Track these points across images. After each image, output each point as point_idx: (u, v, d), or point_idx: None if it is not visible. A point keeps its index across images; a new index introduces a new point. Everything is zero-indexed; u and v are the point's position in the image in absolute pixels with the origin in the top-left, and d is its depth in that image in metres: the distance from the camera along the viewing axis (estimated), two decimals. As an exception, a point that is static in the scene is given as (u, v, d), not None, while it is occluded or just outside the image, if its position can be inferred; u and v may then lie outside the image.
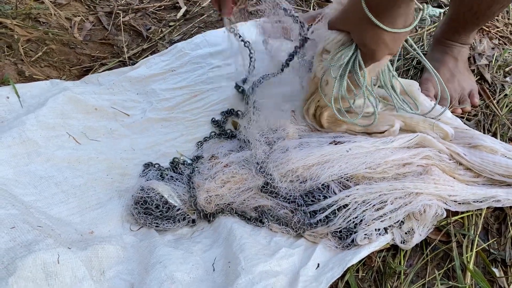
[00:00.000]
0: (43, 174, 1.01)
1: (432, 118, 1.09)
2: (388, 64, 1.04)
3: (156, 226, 0.96)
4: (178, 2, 1.62)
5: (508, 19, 1.56)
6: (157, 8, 1.60)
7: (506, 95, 1.28)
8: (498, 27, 1.52)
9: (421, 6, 0.91)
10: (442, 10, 0.91)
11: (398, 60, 1.35)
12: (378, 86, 1.07)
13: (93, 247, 0.86)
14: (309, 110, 1.12)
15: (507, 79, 1.34)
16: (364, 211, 0.94)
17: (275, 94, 1.20)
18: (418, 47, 1.41)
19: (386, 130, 1.06)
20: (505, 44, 1.47)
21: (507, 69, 1.37)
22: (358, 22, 0.90)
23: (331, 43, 0.97)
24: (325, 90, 1.03)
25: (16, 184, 0.97)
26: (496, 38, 1.49)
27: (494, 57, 1.40)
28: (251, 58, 1.25)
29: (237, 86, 1.27)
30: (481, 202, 0.99)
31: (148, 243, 0.92)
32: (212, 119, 1.19)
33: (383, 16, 0.87)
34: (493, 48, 1.45)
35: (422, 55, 0.98)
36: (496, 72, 1.36)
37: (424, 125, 1.08)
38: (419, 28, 1.48)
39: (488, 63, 1.38)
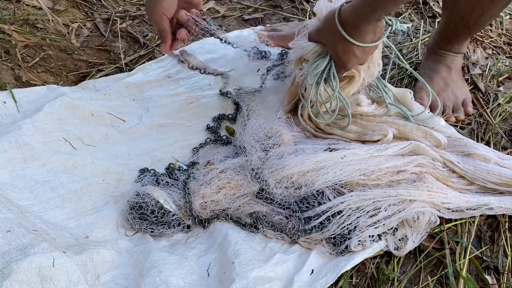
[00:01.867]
0: (39, 178, 1.01)
1: (426, 126, 1.11)
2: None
3: (151, 232, 0.96)
4: (175, 10, 1.63)
5: (502, 29, 1.58)
6: (155, 15, 1.61)
7: (499, 104, 1.30)
8: (491, 37, 1.54)
9: (389, 22, 1.02)
10: (409, 25, 1.01)
11: (392, 69, 1.37)
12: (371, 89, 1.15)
13: (88, 252, 0.86)
14: (304, 114, 1.15)
15: (501, 88, 1.36)
16: (358, 217, 0.95)
17: (269, 101, 1.22)
18: (412, 56, 1.43)
19: (379, 140, 1.07)
20: (499, 54, 1.49)
21: (500, 79, 1.39)
22: (332, 36, 1.01)
23: (309, 53, 1.07)
24: (305, 95, 1.11)
25: (12, 188, 0.98)
26: (489, 48, 1.51)
27: (488, 66, 1.42)
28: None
29: (222, 93, 1.29)
30: (474, 209, 1.00)
31: (143, 248, 0.92)
32: (207, 126, 1.20)
33: (354, 32, 0.97)
34: (486, 58, 1.46)
35: (408, 66, 1.08)
36: (490, 82, 1.37)
37: (417, 133, 1.09)
38: (414, 38, 1.49)
39: (481, 72, 1.40)
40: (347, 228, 0.94)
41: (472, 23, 1.22)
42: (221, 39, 1.19)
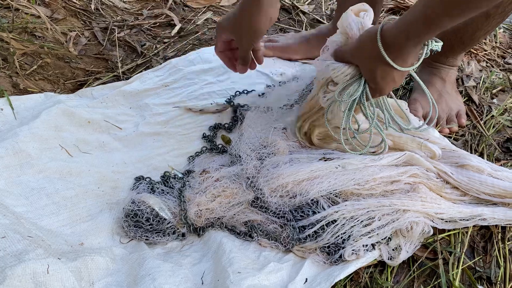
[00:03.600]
0: (34, 185, 1.02)
1: (421, 138, 1.11)
2: None
3: (146, 239, 0.97)
4: (173, 20, 1.65)
5: (495, 42, 1.60)
6: (152, 25, 1.62)
7: (493, 116, 1.31)
8: (485, 50, 1.56)
9: (426, 42, 0.92)
10: (442, 44, 0.94)
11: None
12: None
13: (83, 258, 0.87)
14: (302, 128, 1.13)
15: (494, 100, 1.37)
16: (352, 227, 0.95)
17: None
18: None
19: (375, 152, 1.08)
20: (492, 66, 1.51)
21: (494, 91, 1.40)
22: (370, 59, 0.92)
23: (340, 75, 0.97)
24: (332, 121, 1.04)
25: (8, 194, 0.98)
26: (483, 60, 1.52)
27: (482, 79, 1.43)
28: None
29: (229, 101, 1.29)
30: (467, 220, 1.00)
31: (137, 255, 0.92)
32: (203, 134, 1.21)
33: (397, 56, 0.89)
34: (480, 70, 1.48)
35: (415, 75, 1.00)
36: (484, 94, 1.39)
37: (412, 144, 1.10)
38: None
39: (475, 84, 1.42)
40: (341, 238, 0.95)
41: (467, 38, 1.23)
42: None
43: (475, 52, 1.53)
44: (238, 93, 1.32)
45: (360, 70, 0.96)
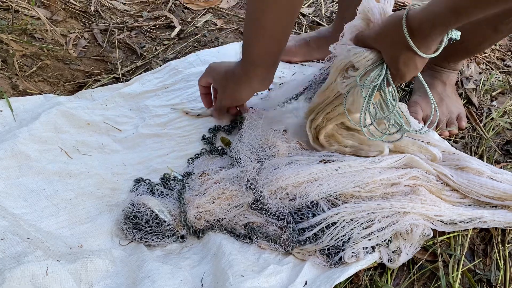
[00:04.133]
0: (34, 187, 1.01)
1: (422, 141, 1.11)
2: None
3: (145, 241, 0.96)
4: (172, 22, 1.65)
5: (495, 45, 1.60)
6: (152, 27, 1.62)
7: (492, 118, 1.31)
8: (485, 53, 1.56)
9: None
10: (460, 33, 0.92)
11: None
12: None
13: (82, 260, 0.86)
14: (315, 121, 1.11)
15: (494, 103, 1.37)
16: (352, 229, 0.95)
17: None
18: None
19: (375, 156, 1.07)
20: (492, 69, 1.51)
21: (493, 93, 1.40)
22: (394, 45, 0.91)
23: (362, 60, 0.95)
24: (351, 107, 1.01)
25: (7, 196, 0.98)
26: (483, 63, 1.53)
27: (481, 81, 1.43)
28: None
29: None
30: (467, 222, 1.00)
31: (137, 257, 0.92)
32: (203, 136, 1.21)
33: (421, 42, 0.88)
34: (480, 73, 1.48)
35: (420, 75, 0.98)
36: (483, 96, 1.39)
37: (413, 147, 1.10)
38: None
39: (475, 87, 1.42)
40: (341, 240, 0.95)
41: (472, 47, 1.23)
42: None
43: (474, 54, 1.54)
44: None
45: (382, 56, 0.94)
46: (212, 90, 1.23)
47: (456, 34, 0.92)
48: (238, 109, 1.24)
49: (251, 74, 1.12)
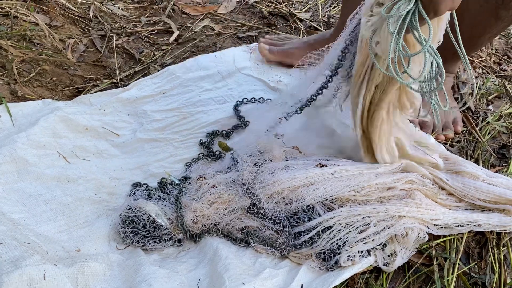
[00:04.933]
0: (32, 192, 1.02)
1: (421, 148, 1.11)
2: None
3: (142, 245, 0.97)
4: (171, 27, 1.66)
5: (491, 49, 1.61)
6: (150, 32, 1.63)
7: (488, 122, 1.32)
8: (481, 57, 1.57)
9: None
10: None
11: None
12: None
13: (80, 265, 0.87)
14: (361, 94, 0.98)
15: (490, 107, 1.38)
16: (347, 233, 0.96)
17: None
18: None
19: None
20: (488, 73, 1.52)
21: (489, 98, 1.41)
22: None
23: None
24: (378, 51, 0.89)
25: (5, 201, 0.98)
26: (479, 67, 1.53)
27: (478, 85, 1.44)
28: None
29: (236, 110, 1.30)
30: (462, 226, 1.01)
31: (134, 261, 0.93)
32: (200, 141, 1.21)
33: None
34: (476, 77, 1.49)
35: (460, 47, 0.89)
36: (479, 100, 1.40)
37: (423, 162, 1.09)
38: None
39: (471, 91, 1.42)
40: (337, 244, 0.95)
41: (472, 41, 1.20)
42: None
43: (471, 59, 1.54)
44: (246, 100, 1.32)
45: None
46: None
47: None
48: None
49: None
